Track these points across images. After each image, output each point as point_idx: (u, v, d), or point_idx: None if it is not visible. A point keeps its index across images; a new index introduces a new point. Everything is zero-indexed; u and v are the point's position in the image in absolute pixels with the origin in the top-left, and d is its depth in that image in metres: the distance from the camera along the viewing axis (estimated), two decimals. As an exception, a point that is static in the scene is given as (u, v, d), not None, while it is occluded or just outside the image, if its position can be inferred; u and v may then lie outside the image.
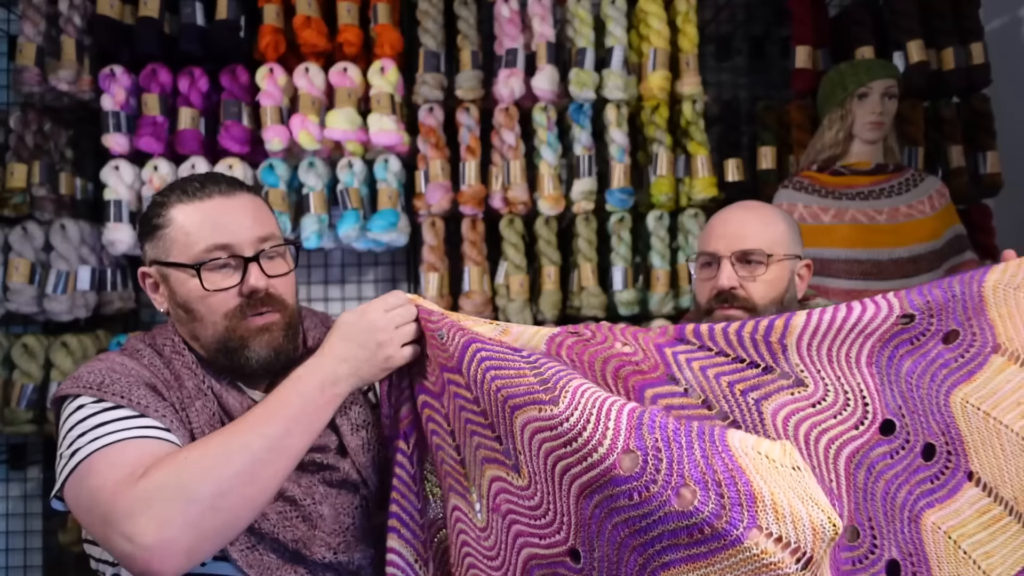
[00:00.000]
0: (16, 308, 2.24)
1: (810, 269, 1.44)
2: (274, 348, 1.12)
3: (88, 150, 2.45)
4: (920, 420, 0.97)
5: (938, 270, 2.14)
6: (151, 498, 0.90)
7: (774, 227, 1.38)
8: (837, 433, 0.99)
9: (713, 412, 1.02)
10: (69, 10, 2.30)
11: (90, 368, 1.07)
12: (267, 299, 1.11)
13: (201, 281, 1.08)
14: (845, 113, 2.17)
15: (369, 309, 1.07)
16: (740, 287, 1.34)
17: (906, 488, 0.97)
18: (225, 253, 1.09)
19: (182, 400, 1.08)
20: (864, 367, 1.00)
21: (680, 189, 2.43)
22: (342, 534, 1.13)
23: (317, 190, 2.32)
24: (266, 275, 1.11)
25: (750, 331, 1.02)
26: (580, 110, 2.39)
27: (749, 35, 2.84)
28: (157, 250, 1.12)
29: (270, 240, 1.13)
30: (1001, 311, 0.97)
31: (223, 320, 1.10)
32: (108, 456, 0.96)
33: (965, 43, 2.51)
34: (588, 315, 2.36)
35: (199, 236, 1.09)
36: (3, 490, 2.56)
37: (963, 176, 2.51)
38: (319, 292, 2.71)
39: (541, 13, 2.40)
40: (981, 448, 0.95)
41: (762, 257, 1.34)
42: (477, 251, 2.37)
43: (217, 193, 1.12)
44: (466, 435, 1.04)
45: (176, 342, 1.14)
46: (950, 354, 0.98)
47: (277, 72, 2.31)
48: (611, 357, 1.05)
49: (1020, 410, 0.94)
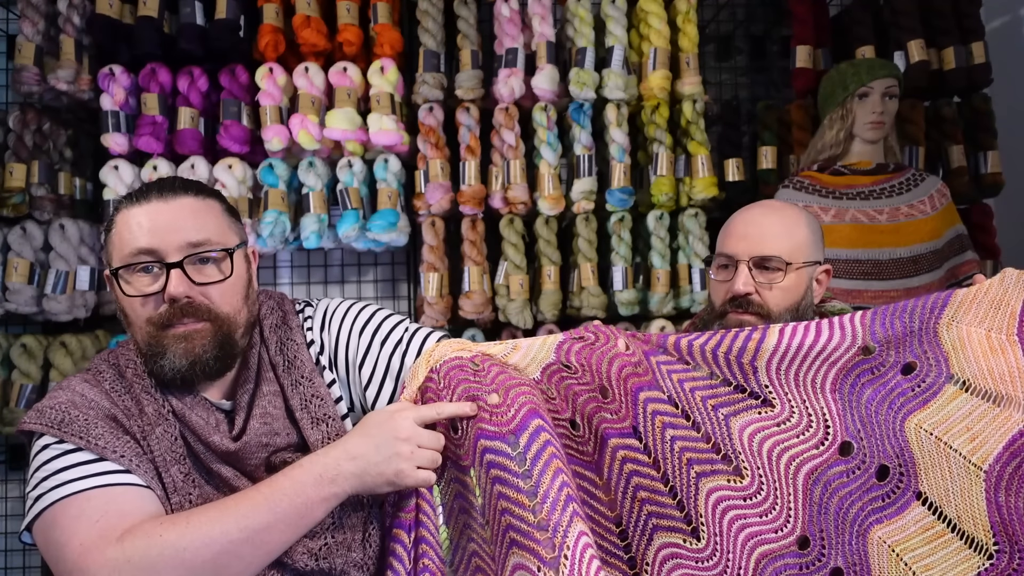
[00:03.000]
0: (15, 308, 2.24)
1: (829, 274, 1.41)
2: (190, 358, 1.06)
3: (87, 150, 2.45)
4: (877, 443, 1.06)
5: (939, 270, 2.14)
6: (120, 569, 0.92)
7: (796, 232, 1.35)
8: (798, 451, 1.08)
9: (689, 423, 1.10)
10: (68, 9, 2.30)
11: (52, 402, 1.05)
12: (190, 307, 1.07)
13: (120, 285, 1.06)
14: (846, 113, 2.17)
15: (399, 414, 1.02)
16: (756, 293, 1.32)
17: (858, 505, 1.05)
18: (150, 257, 1.06)
19: (143, 428, 1.06)
20: (828, 392, 1.09)
21: (680, 189, 2.43)
22: (323, 538, 1.09)
23: (317, 190, 2.32)
24: (193, 282, 1.07)
25: (724, 350, 1.10)
26: (580, 110, 2.38)
27: (749, 35, 2.84)
28: (106, 253, 1.11)
29: (204, 246, 1.08)
30: (954, 344, 1.05)
31: (147, 326, 1.07)
32: (71, 508, 0.97)
33: (966, 42, 2.51)
34: (588, 315, 2.36)
35: (128, 240, 1.06)
36: (3, 490, 2.56)
37: (964, 176, 2.51)
38: (319, 292, 2.71)
39: (541, 13, 2.39)
40: (931, 470, 1.03)
41: (780, 264, 1.31)
42: (477, 251, 2.37)
43: (156, 196, 1.08)
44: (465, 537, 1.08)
45: (138, 363, 1.11)
46: (907, 384, 1.06)
47: (277, 72, 2.31)
48: (615, 357, 1.12)
49: (968, 435, 1.02)
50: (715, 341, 1.11)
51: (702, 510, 1.07)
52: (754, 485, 1.08)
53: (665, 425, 1.10)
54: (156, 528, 0.95)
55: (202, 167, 2.31)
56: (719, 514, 1.07)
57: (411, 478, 1.01)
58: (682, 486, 1.08)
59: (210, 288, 1.08)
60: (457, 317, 2.36)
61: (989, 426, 1.01)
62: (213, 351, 1.08)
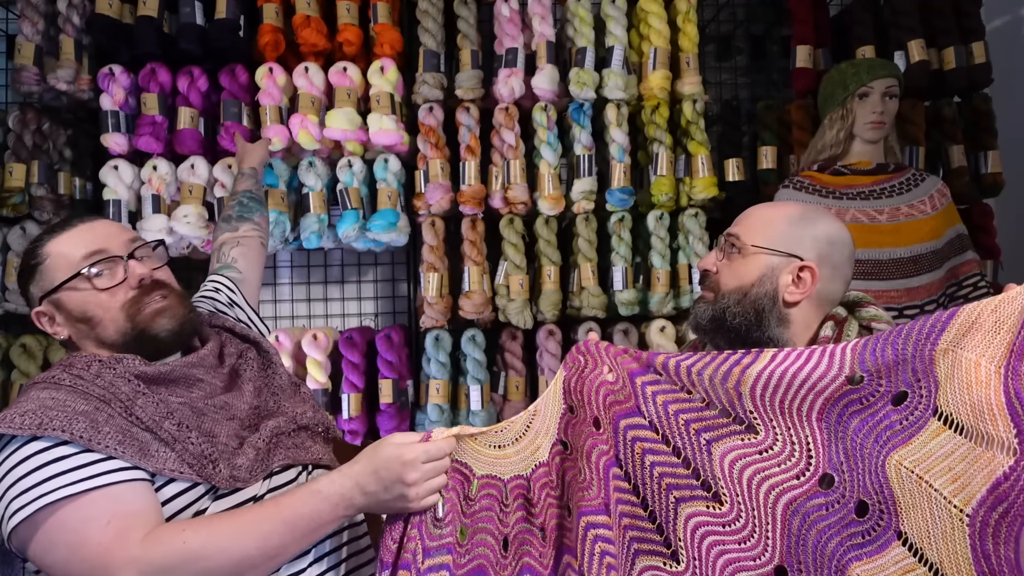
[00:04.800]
0: (15, 308, 2.24)
1: (814, 275, 1.29)
2: (178, 319, 1.22)
3: (87, 150, 2.45)
4: (858, 478, 1.02)
5: (939, 270, 2.14)
6: (143, 571, 0.99)
7: (772, 221, 1.31)
8: (778, 480, 1.06)
9: (669, 448, 1.10)
10: (68, 9, 2.30)
11: (23, 408, 1.05)
12: (155, 285, 1.22)
13: (92, 282, 1.18)
14: (846, 113, 2.17)
15: (409, 454, 1.07)
16: (716, 270, 1.32)
17: (836, 540, 1.01)
18: (103, 255, 1.19)
19: (124, 404, 1.10)
20: (814, 421, 1.05)
21: (680, 189, 2.43)
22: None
23: (317, 190, 2.32)
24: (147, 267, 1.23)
25: (710, 373, 1.09)
26: (580, 110, 2.38)
27: (749, 35, 2.84)
28: (43, 283, 1.20)
29: (138, 241, 1.25)
30: (946, 371, 0.98)
31: (121, 313, 1.19)
32: (76, 511, 1.01)
33: (966, 42, 2.50)
34: (588, 315, 2.36)
35: (75, 251, 1.19)
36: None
37: (964, 176, 2.51)
38: (319, 292, 2.71)
39: (541, 12, 2.39)
40: (912, 510, 0.98)
41: (737, 242, 1.30)
42: (477, 251, 2.37)
43: (79, 221, 1.23)
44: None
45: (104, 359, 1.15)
46: (896, 416, 1.01)
47: (277, 72, 2.31)
48: (601, 385, 1.15)
49: (950, 475, 0.96)
50: (703, 363, 1.10)
51: (681, 535, 1.07)
52: (733, 512, 1.07)
53: (645, 451, 1.11)
54: (180, 535, 1.02)
55: (202, 167, 2.30)
56: (698, 539, 1.07)
57: (416, 506, 1.10)
58: (661, 511, 1.09)
59: (159, 271, 1.25)
60: (457, 317, 2.36)
61: (971, 467, 0.94)
62: (188, 313, 1.25)
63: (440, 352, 2.34)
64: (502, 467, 1.16)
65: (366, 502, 1.08)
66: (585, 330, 2.38)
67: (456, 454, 1.13)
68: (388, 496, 1.07)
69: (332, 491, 1.08)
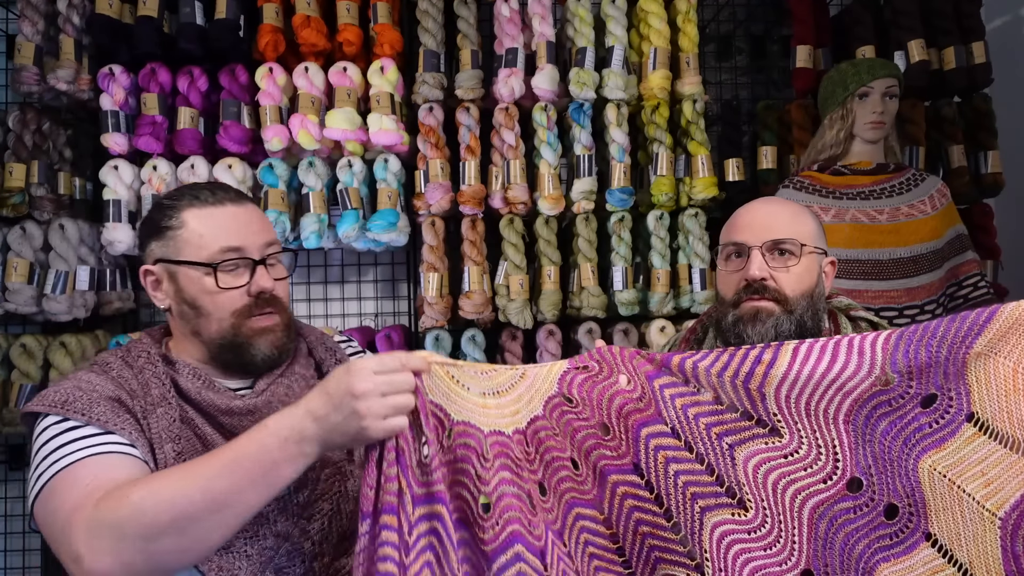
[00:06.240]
0: (15, 308, 2.24)
1: (834, 266, 1.41)
2: (277, 347, 1.19)
3: (87, 150, 2.45)
4: (887, 481, 1.02)
5: (939, 270, 2.14)
6: (91, 529, 0.94)
7: (803, 219, 1.35)
8: (805, 484, 1.05)
9: (692, 455, 1.07)
10: (68, 9, 2.30)
11: (56, 387, 1.10)
12: (271, 300, 1.19)
13: (216, 279, 1.15)
14: (846, 113, 2.17)
15: (355, 367, 0.96)
16: (771, 278, 1.30)
17: (864, 542, 1.02)
18: (237, 255, 1.16)
19: (144, 408, 1.10)
20: (841, 424, 1.04)
21: (680, 189, 2.43)
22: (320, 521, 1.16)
23: (317, 190, 2.32)
24: (271, 278, 1.19)
25: (731, 375, 1.06)
26: (580, 110, 2.38)
27: (749, 35, 2.84)
28: (166, 249, 1.17)
29: (274, 246, 1.21)
30: (979, 375, 0.99)
31: (230, 317, 1.16)
32: (68, 477, 1.00)
33: (966, 42, 2.50)
34: (588, 315, 2.36)
35: (213, 238, 1.16)
36: (2, 490, 2.56)
37: (964, 176, 2.51)
38: (319, 292, 2.71)
39: (541, 12, 2.39)
40: (942, 512, 0.99)
41: (794, 247, 1.30)
42: (477, 251, 2.37)
43: (228, 201, 1.19)
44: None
45: (152, 354, 1.17)
46: (926, 418, 1.01)
47: (276, 72, 2.31)
48: (616, 395, 1.10)
49: (983, 480, 0.98)
50: (722, 363, 1.07)
51: (707, 545, 1.05)
52: (758, 518, 1.05)
53: (668, 460, 1.08)
54: (126, 489, 0.96)
55: (202, 167, 2.30)
56: (724, 548, 1.05)
57: (377, 430, 0.96)
58: (686, 521, 1.06)
59: (279, 284, 1.21)
60: (457, 317, 2.36)
61: (1006, 473, 0.96)
62: (288, 341, 1.21)
63: (440, 352, 2.34)
64: (481, 417, 1.06)
65: (318, 430, 0.96)
66: (585, 330, 2.38)
67: (430, 393, 1.02)
68: (339, 417, 0.95)
69: (280, 423, 0.97)
